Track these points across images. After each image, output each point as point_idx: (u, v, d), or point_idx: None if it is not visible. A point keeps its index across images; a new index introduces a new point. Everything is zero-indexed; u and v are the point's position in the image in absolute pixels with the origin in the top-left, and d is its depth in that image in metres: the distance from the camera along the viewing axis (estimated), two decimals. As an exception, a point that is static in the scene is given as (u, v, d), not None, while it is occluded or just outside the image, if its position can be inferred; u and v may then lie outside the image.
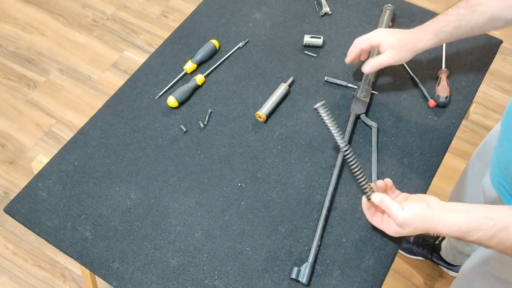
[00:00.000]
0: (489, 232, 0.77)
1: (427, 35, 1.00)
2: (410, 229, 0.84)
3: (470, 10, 0.95)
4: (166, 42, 1.25)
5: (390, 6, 1.25)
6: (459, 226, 0.79)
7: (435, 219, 0.81)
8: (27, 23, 2.40)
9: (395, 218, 0.84)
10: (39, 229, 0.97)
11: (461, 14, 0.96)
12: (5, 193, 1.91)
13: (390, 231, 0.88)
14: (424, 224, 0.82)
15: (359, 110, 1.09)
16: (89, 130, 1.10)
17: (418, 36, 1.01)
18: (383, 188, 0.90)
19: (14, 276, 1.74)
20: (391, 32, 1.03)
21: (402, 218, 0.83)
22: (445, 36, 0.99)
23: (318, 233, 0.94)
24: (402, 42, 1.01)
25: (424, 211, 0.82)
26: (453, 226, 0.80)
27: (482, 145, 1.23)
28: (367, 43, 1.05)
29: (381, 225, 0.90)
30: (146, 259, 0.93)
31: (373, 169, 1.02)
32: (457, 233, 0.80)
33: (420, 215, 0.82)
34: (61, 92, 2.18)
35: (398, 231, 0.86)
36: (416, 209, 0.83)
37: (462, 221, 0.79)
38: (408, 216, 0.83)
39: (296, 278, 0.90)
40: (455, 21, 0.97)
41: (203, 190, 1.01)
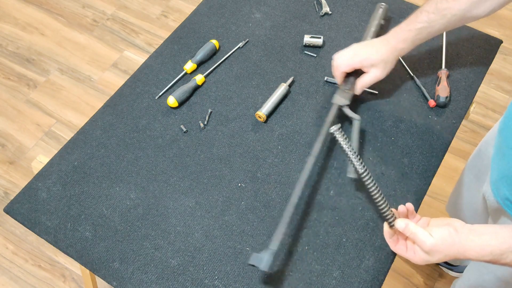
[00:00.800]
0: None
1: (404, 45, 1.02)
2: (438, 256, 0.79)
3: (440, 15, 0.96)
4: (166, 42, 1.25)
5: (383, 5, 1.24)
6: (491, 250, 0.76)
7: (464, 244, 0.77)
8: (27, 23, 2.40)
9: (423, 245, 0.79)
10: (39, 229, 0.97)
11: (431, 20, 0.97)
12: (5, 193, 1.92)
13: (416, 259, 0.82)
14: (453, 249, 0.78)
15: (342, 101, 1.06)
16: (89, 130, 1.10)
17: (395, 47, 1.02)
18: (405, 214, 0.87)
19: (14, 276, 1.74)
20: (370, 50, 1.03)
21: (430, 244, 0.78)
22: (420, 42, 1.02)
23: (285, 221, 0.89)
24: (384, 58, 1.02)
25: (452, 236, 0.78)
26: (483, 250, 0.76)
27: (477, 153, 1.21)
28: (350, 68, 1.05)
29: (405, 254, 0.85)
30: (146, 259, 0.93)
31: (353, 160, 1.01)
32: (489, 256, 0.77)
33: (448, 241, 0.78)
34: (61, 92, 2.18)
35: (426, 259, 0.81)
36: (444, 234, 0.78)
37: (493, 244, 0.76)
38: (437, 243, 0.78)
39: (253, 264, 0.87)
40: (428, 28, 0.98)
41: (203, 190, 1.01)
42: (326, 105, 1.13)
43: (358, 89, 1.07)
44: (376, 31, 1.19)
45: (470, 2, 0.93)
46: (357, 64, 1.04)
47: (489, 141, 1.12)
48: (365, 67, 1.04)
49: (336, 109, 1.05)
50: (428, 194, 0.98)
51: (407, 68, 1.18)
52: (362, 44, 1.06)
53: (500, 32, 2.30)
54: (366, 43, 1.06)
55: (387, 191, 1.01)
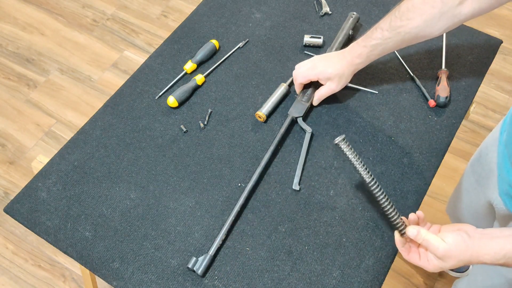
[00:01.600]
0: None
1: (359, 60, 1.04)
2: (452, 262, 0.79)
3: (394, 33, 0.97)
4: (166, 42, 1.25)
5: (354, 14, 1.24)
6: (505, 253, 0.75)
7: (478, 249, 0.77)
8: (27, 23, 2.40)
9: (436, 251, 0.79)
10: (39, 229, 0.97)
11: (385, 37, 0.98)
12: (5, 193, 1.92)
13: (430, 266, 0.81)
14: (467, 254, 0.77)
15: (297, 113, 1.09)
16: (89, 130, 1.10)
17: (351, 62, 1.05)
18: (416, 221, 0.86)
19: (14, 276, 1.74)
20: (327, 64, 1.07)
21: (443, 250, 0.78)
22: (374, 57, 1.04)
23: (225, 227, 0.94)
24: (339, 72, 1.06)
25: (466, 241, 0.77)
26: (497, 253, 0.76)
27: (477, 157, 1.20)
28: (307, 80, 1.09)
29: (419, 262, 0.83)
30: (146, 259, 0.93)
31: (297, 173, 1.02)
32: (503, 260, 0.76)
33: (462, 246, 0.77)
34: (61, 92, 2.18)
35: (440, 266, 0.80)
36: (457, 239, 0.78)
37: (508, 247, 0.75)
38: (451, 248, 0.78)
39: (192, 268, 0.90)
40: (381, 45, 0.99)
41: (203, 190, 1.01)
42: (326, 105, 1.13)
43: (315, 100, 1.11)
44: (343, 41, 1.19)
45: (424, 21, 0.93)
46: (313, 77, 1.08)
47: (489, 146, 1.11)
48: (321, 80, 1.08)
49: (290, 120, 1.08)
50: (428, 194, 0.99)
51: (407, 68, 1.18)
52: (322, 57, 1.10)
53: (500, 32, 2.30)
54: (325, 56, 1.10)
55: (387, 191, 1.01)
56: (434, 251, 0.79)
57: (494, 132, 1.12)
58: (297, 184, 1.01)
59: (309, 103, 1.10)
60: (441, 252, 0.78)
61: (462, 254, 0.77)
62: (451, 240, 0.78)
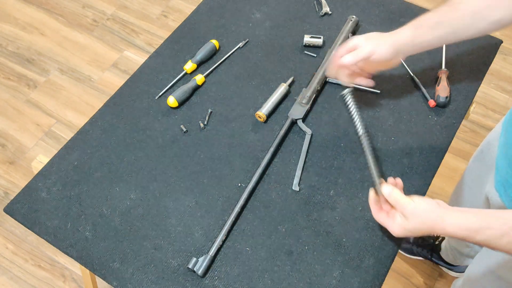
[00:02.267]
0: (499, 231, 0.75)
1: (405, 29, 0.98)
2: (416, 222, 0.81)
3: (452, 8, 0.94)
4: (166, 42, 1.25)
5: (353, 18, 1.24)
6: (468, 225, 0.77)
7: (443, 216, 0.79)
8: (27, 23, 2.40)
9: (403, 209, 0.81)
10: (39, 229, 0.97)
11: (443, 10, 0.95)
12: (5, 193, 1.92)
13: (395, 226, 0.84)
14: (431, 217, 0.80)
15: (297, 115, 1.09)
16: (89, 130, 1.10)
17: (396, 31, 0.99)
18: (393, 184, 0.89)
19: (14, 276, 1.74)
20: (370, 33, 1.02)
21: (410, 208, 0.80)
22: (427, 31, 0.96)
23: (225, 228, 0.95)
24: (379, 35, 0.99)
25: (433, 206, 0.80)
26: (462, 224, 0.78)
27: (478, 154, 1.21)
28: (345, 48, 1.01)
29: (385, 221, 0.86)
30: (146, 259, 0.93)
31: (297, 173, 1.02)
32: (465, 232, 0.77)
33: (429, 209, 0.80)
34: (61, 92, 2.18)
35: (403, 225, 0.82)
36: (426, 203, 0.81)
37: (472, 220, 0.77)
38: (417, 207, 0.81)
39: (192, 269, 0.90)
40: (437, 17, 0.95)
41: (203, 190, 1.01)
42: (326, 105, 1.13)
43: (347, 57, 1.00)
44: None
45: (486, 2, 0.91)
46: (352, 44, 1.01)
47: (491, 142, 1.12)
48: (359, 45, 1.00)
49: (290, 122, 1.08)
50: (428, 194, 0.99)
51: (407, 68, 1.18)
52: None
53: (500, 32, 2.30)
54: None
55: (387, 191, 1.01)
56: (401, 209, 0.82)
57: (496, 128, 1.12)
58: (297, 185, 1.01)
59: (308, 105, 1.10)
60: (408, 210, 0.81)
61: (427, 217, 0.80)
62: (419, 201, 0.81)
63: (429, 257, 1.70)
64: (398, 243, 0.95)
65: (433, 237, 1.69)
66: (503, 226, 0.75)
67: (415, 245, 1.71)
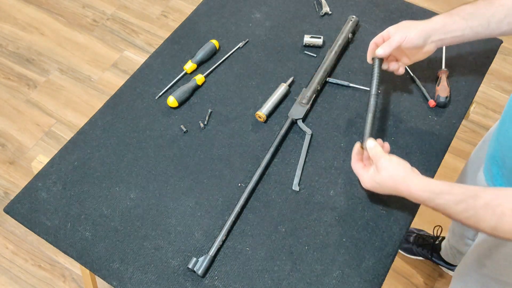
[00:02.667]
0: (458, 197, 0.78)
1: (437, 16, 0.99)
2: (385, 176, 0.86)
3: (488, 1, 0.95)
4: (166, 42, 1.25)
5: (353, 18, 1.24)
6: (431, 188, 0.82)
7: (412, 177, 0.84)
8: (27, 23, 2.40)
9: (378, 161, 0.87)
10: (39, 229, 0.97)
11: (478, 2, 0.96)
12: (5, 193, 1.92)
13: (366, 176, 0.90)
14: (400, 176, 0.85)
15: (297, 115, 1.09)
16: (89, 130, 1.10)
17: (429, 19, 1.00)
18: (380, 145, 0.93)
19: (14, 276, 1.74)
20: (402, 22, 1.03)
21: (385, 162, 0.87)
22: (459, 20, 0.97)
23: (225, 228, 0.95)
24: (410, 23, 1.01)
25: (406, 167, 0.86)
26: (425, 186, 0.82)
27: (481, 144, 1.23)
28: (379, 37, 1.04)
29: (360, 171, 0.93)
30: (146, 259, 0.93)
31: (297, 173, 1.02)
32: (427, 194, 0.82)
33: (401, 168, 0.86)
34: (61, 92, 2.18)
35: (374, 177, 0.88)
36: (400, 162, 0.87)
37: (435, 184, 0.82)
38: (391, 163, 0.87)
39: (192, 269, 0.91)
40: (472, 9, 0.96)
41: (203, 190, 1.01)
42: (326, 105, 1.13)
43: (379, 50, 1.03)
44: (343, 44, 1.19)
45: None
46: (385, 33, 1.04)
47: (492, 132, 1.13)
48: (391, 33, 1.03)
49: (290, 122, 1.08)
50: (428, 194, 0.99)
51: (407, 68, 1.18)
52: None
53: (500, 32, 2.29)
54: None
55: (387, 191, 1.01)
56: (376, 161, 0.88)
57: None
58: (297, 185, 1.01)
59: (308, 105, 1.10)
60: (381, 162, 0.87)
61: (397, 174, 0.86)
62: (395, 159, 0.88)
63: (429, 257, 1.70)
64: (398, 243, 0.95)
65: (433, 237, 1.69)
66: (462, 193, 0.78)
67: (415, 245, 1.71)
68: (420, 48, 1.01)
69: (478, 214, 0.77)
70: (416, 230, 1.76)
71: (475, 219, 0.77)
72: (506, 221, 0.74)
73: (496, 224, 0.75)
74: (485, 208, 0.76)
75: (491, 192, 0.77)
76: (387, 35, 1.03)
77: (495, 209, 0.75)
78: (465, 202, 0.77)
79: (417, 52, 1.03)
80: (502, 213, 0.74)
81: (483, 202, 0.76)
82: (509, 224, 0.74)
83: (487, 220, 0.76)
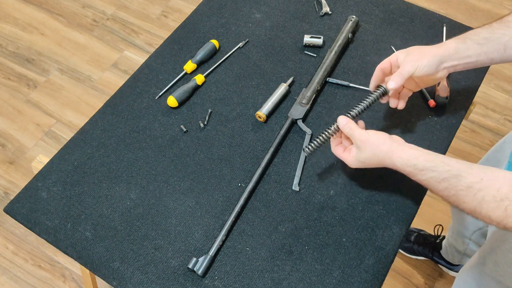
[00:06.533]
0: (441, 175, 0.78)
1: (449, 41, 0.93)
2: (368, 152, 0.86)
3: (504, 25, 0.90)
4: (166, 42, 1.25)
5: (353, 18, 1.24)
6: (415, 163, 0.81)
7: (393, 149, 0.84)
8: (27, 23, 2.40)
9: (357, 139, 0.87)
10: (39, 229, 0.97)
11: (494, 27, 0.91)
12: (5, 193, 1.92)
13: (350, 158, 0.90)
14: (383, 149, 0.84)
15: (297, 115, 1.09)
16: (89, 130, 1.10)
17: (440, 44, 0.95)
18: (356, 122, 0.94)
19: (14, 276, 1.74)
20: (411, 47, 0.97)
21: (364, 139, 0.86)
22: (473, 45, 0.91)
23: (225, 228, 0.95)
24: (421, 49, 0.94)
25: (386, 138, 0.85)
26: (409, 160, 0.82)
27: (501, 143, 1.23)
28: (387, 62, 0.98)
29: (342, 154, 0.93)
30: (146, 259, 0.93)
31: (297, 173, 1.02)
32: (410, 168, 0.82)
33: (381, 142, 0.85)
34: (61, 92, 2.18)
35: (357, 157, 0.88)
36: (379, 135, 0.86)
37: (420, 159, 0.81)
38: (370, 138, 0.86)
39: (192, 269, 0.90)
40: (487, 33, 0.91)
41: (203, 190, 1.01)
42: (326, 105, 1.13)
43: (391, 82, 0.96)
44: (343, 44, 1.19)
45: None
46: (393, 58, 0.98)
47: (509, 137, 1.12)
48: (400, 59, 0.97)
49: (290, 122, 1.08)
50: (428, 194, 0.99)
51: (407, 68, 1.18)
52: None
53: (500, 32, 2.29)
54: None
55: (386, 191, 1.01)
56: (355, 140, 0.87)
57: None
58: (297, 185, 1.01)
59: (308, 105, 1.10)
60: (360, 140, 0.86)
61: (379, 149, 0.85)
62: (373, 133, 0.87)
63: (430, 256, 1.70)
64: (398, 243, 0.95)
65: (434, 236, 1.69)
66: (446, 172, 0.78)
67: (416, 244, 1.71)
68: (432, 75, 0.95)
69: (459, 195, 0.77)
70: (417, 229, 1.76)
71: (455, 199, 0.78)
72: (485, 208, 0.74)
73: (475, 208, 0.76)
74: (467, 190, 0.76)
75: (476, 174, 0.76)
76: (395, 60, 0.97)
77: (477, 193, 0.75)
78: (447, 181, 0.78)
79: (428, 79, 0.97)
80: (482, 199, 0.74)
81: (466, 184, 0.76)
82: (487, 210, 0.74)
83: (467, 202, 0.76)
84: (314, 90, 1.11)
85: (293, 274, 0.92)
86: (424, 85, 1.00)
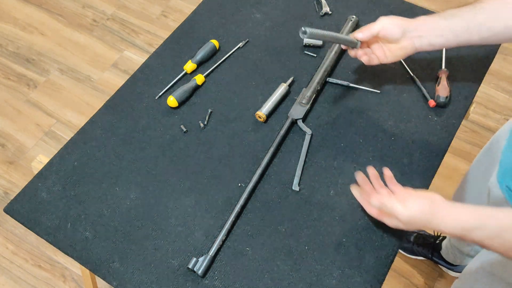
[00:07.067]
0: (493, 232, 0.75)
1: (422, 16, 0.97)
2: (414, 227, 0.84)
3: (472, 6, 0.94)
4: (166, 42, 1.25)
5: (353, 18, 1.24)
6: (463, 225, 0.78)
7: (439, 215, 0.80)
8: (27, 23, 2.40)
9: (398, 216, 0.83)
10: (39, 229, 0.97)
11: (463, 7, 0.95)
12: (5, 193, 1.92)
13: (392, 225, 0.87)
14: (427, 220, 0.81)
15: (297, 115, 1.09)
16: (89, 130, 1.10)
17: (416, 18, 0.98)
18: (375, 176, 0.93)
19: (14, 276, 1.74)
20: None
21: (406, 217, 0.82)
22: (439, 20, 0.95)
23: (225, 228, 0.95)
24: (397, 17, 0.99)
25: (426, 207, 0.81)
26: (457, 223, 0.78)
27: (488, 147, 1.22)
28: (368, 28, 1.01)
29: (380, 217, 0.89)
30: (146, 259, 0.93)
31: (297, 173, 1.02)
32: (460, 231, 0.78)
33: (423, 212, 0.81)
34: (61, 92, 2.18)
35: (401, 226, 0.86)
36: (419, 205, 0.82)
37: (467, 219, 0.78)
38: (413, 214, 0.82)
39: (192, 269, 0.90)
40: (455, 11, 0.95)
41: (203, 190, 1.01)
42: (326, 105, 1.13)
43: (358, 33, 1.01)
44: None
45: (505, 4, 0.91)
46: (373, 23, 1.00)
47: (501, 135, 1.12)
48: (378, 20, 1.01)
49: (290, 122, 1.08)
50: (428, 194, 0.99)
51: (407, 68, 1.18)
52: None
53: (500, 32, 2.29)
54: None
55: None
56: (398, 217, 0.83)
57: (508, 123, 1.12)
58: (297, 185, 1.01)
59: (308, 105, 1.10)
60: (403, 219, 0.82)
61: (423, 219, 0.81)
62: (416, 207, 0.82)
63: (429, 256, 1.70)
64: (398, 243, 0.95)
65: (434, 236, 1.69)
66: (497, 227, 0.75)
67: (415, 244, 1.71)
68: (396, 41, 0.98)
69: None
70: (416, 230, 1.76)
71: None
72: None
73: None
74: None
75: None
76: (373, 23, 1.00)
77: None
78: (501, 237, 0.74)
79: (395, 48, 1.00)
80: None
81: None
82: None
83: None
84: (314, 90, 1.11)
85: (293, 274, 0.92)
86: (392, 55, 1.01)
